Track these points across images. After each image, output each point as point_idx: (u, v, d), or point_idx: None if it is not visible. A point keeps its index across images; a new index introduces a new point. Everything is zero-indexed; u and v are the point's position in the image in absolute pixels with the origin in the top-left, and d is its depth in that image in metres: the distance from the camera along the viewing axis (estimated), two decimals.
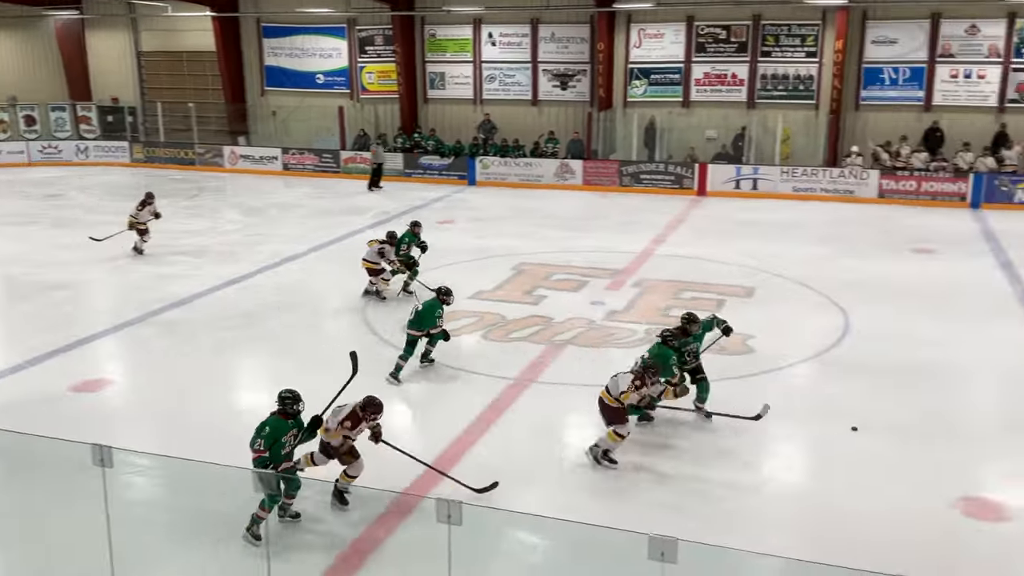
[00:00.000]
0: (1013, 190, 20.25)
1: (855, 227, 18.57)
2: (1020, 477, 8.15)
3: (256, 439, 6.91)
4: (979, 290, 13.92)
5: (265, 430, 6.93)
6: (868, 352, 11.22)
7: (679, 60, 24.22)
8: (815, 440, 9.07)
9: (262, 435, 6.91)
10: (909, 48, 22.31)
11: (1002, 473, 8.19)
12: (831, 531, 7.22)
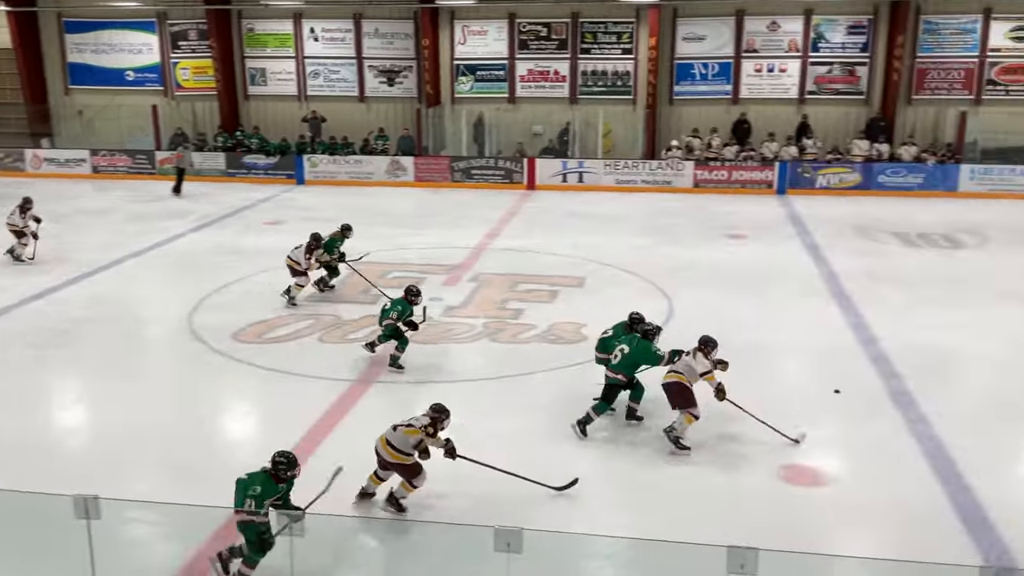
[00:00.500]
0: (815, 176, 21.79)
1: (674, 216, 19.44)
2: (832, 445, 8.79)
3: (244, 499, 6.19)
4: (789, 272, 14.89)
5: (256, 490, 6.24)
6: (692, 334, 11.71)
7: (503, 57, 24.55)
8: (651, 423, 9.42)
9: (252, 495, 6.21)
10: (717, 44, 23.56)
11: (816, 442, 8.80)
12: (665, 510, 7.53)
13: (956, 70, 22.71)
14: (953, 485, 7.86)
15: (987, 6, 22.19)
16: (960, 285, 14.06)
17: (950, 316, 12.45)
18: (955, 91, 22.77)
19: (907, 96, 22.94)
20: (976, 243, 16.88)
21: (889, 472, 8.17)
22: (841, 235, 17.46)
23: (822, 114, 23.23)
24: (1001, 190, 21.02)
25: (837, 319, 12.44)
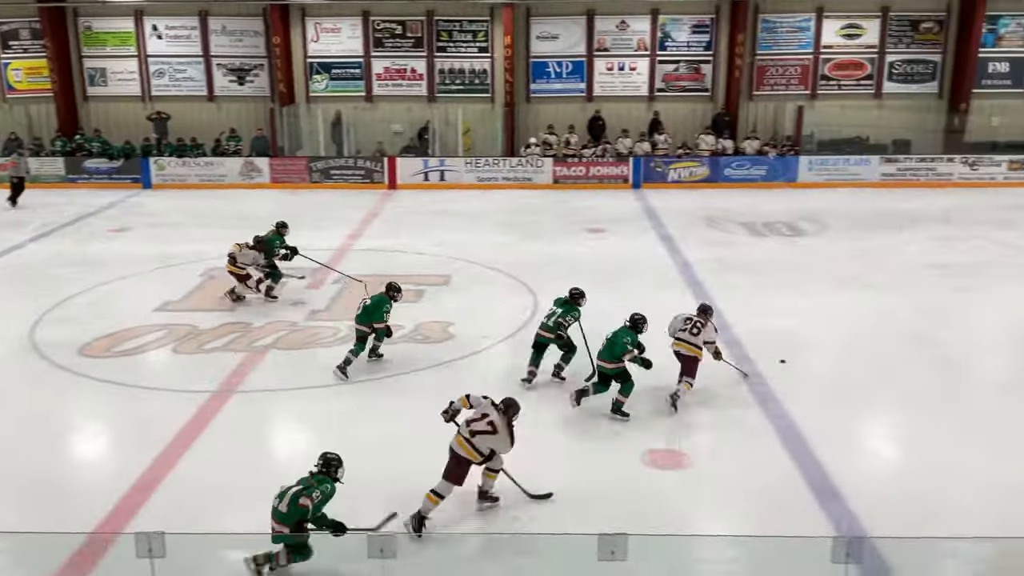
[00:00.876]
0: (666, 171, 22.54)
1: (535, 212, 19.70)
2: (692, 428, 9.11)
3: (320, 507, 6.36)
4: (646, 264, 15.34)
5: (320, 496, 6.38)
6: None
7: (359, 55, 24.22)
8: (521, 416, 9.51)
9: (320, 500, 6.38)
10: (570, 43, 24.01)
11: (677, 426, 9.10)
12: (531, 503, 7.62)
13: (793, 66, 23.97)
14: (805, 461, 8.29)
15: (819, 5, 23.52)
16: (803, 271, 14.84)
17: (794, 301, 13.13)
18: (792, 87, 24.03)
19: (748, 92, 24.04)
20: (816, 230, 17.86)
21: (746, 452, 8.53)
22: (693, 227, 18.13)
23: (671, 110, 24.05)
24: (837, 180, 22.34)
25: (693, 308, 12.88)
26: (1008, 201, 20.55)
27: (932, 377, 10.44)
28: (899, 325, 12.08)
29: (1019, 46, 23.74)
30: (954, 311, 12.72)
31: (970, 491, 7.73)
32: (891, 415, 9.57)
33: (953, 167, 22.49)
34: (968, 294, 13.45)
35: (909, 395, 9.88)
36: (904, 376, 10.38)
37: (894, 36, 23.74)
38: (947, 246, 16.42)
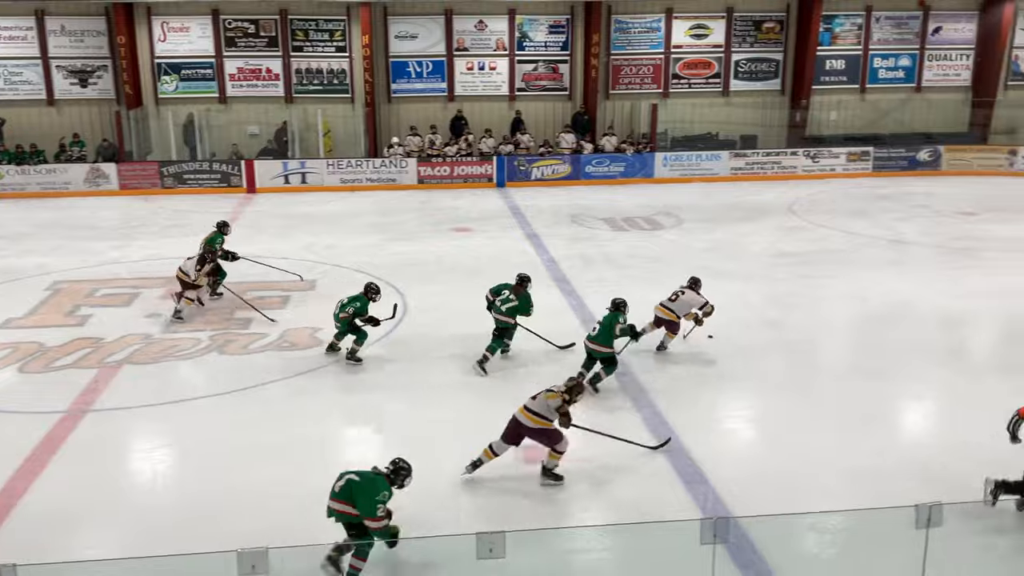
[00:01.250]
0: (530, 169, 22.82)
1: (401, 213, 19.58)
2: None
3: (378, 505, 6.27)
4: (513, 261, 15.40)
5: (384, 496, 6.35)
6: (426, 327, 11.94)
7: (210, 55, 23.41)
8: (377, 421, 9.44)
9: (383, 501, 6.33)
10: (429, 43, 23.96)
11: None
12: (407, 506, 7.58)
13: (646, 66, 24.71)
14: (672, 448, 8.56)
15: (668, 6, 24.33)
16: (663, 263, 15.33)
17: (656, 293, 13.51)
18: (646, 85, 24.77)
19: (605, 91, 24.63)
20: (673, 224, 18.49)
21: (615, 442, 8.73)
22: (557, 223, 18.45)
23: (532, 109, 24.37)
24: (690, 174, 23.19)
25: (560, 302, 13.13)
26: (849, 191, 21.85)
27: (785, 362, 10.98)
28: (753, 312, 12.64)
29: (853, 44, 25.27)
30: (803, 297, 13.41)
31: (826, 470, 8.18)
32: (749, 399, 10.00)
33: (797, 160, 23.73)
34: (816, 280, 14.21)
35: (765, 380, 10.35)
36: (760, 362, 10.87)
37: (739, 36, 24.84)
38: (794, 235, 17.30)
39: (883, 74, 25.56)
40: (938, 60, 25.61)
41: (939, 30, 25.38)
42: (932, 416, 9.80)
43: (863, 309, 12.89)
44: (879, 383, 10.14)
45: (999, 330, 12.41)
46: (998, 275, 14.40)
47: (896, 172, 23.81)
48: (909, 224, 18.21)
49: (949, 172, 23.86)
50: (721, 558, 5.48)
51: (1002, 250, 15.97)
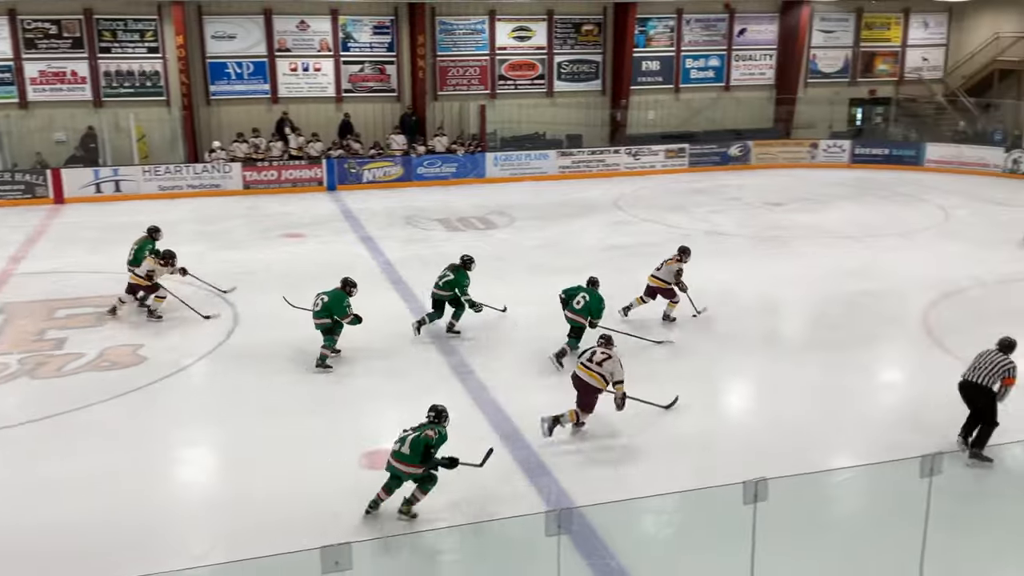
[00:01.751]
0: (361, 172, 22.53)
1: (227, 220, 18.87)
2: (404, 426, 9.19)
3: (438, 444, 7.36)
4: (348, 266, 15.18)
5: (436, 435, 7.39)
6: (259, 338, 11.56)
7: (7, 57, 21.69)
8: (208, 442, 9.08)
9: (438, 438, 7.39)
10: (249, 43, 23.18)
11: (390, 427, 9.16)
12: (249, 521, 7.32)
13: (473, 67, 24.92)
14: (513, 441, 8.68)
15: (491, 9, 24.64)
16: (499, 262, 15.48)
17: (494, 291, 13.66)
18: (474, 86, 24.98)
19: (433, 92, 24.65)
20: (506, 222, 18.75)
21: (458, 441, 8.73)
22: (392, 226, 18.31)
23: (361, 111, 24.05)
24: (521, 174, 23.59)
25: (398, 305, 13.04)
26: (669, 186, 22.86)
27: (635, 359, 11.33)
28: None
29: (666, 46, 26.45)
30: (632, 290, 13.87)
31: (660, 449, 8.52)
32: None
33: (619, 158, 24.60)
34: (644, 273, 14.75)
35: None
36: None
37: (560, 38, 25.46)
38: (621, 230, 17.93)
39: (695, 74, 26.90)
40: (744, 60, 27.20)
41: (744, 32, 26.97)
42: (753, 399, 10.39)
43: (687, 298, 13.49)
44: (703, 371, 10.66)
45: (810, 312, 13.31)
46: (805, 260, 15.46)
47: (710, 167, 25.11)
48: (724, 216, 19.23)
49: (758, 166, 25.39)
50: (566, 548, 5.60)
51: (807, 237, 17.14)
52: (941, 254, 15.74)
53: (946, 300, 13.20)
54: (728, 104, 27.02)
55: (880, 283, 13.81)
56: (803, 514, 6.03)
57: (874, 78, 28.47)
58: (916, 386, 10.45)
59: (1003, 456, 7.71)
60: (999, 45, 26.82)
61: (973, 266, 14.75)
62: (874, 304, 13.04)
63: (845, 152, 25.68)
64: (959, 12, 28.37)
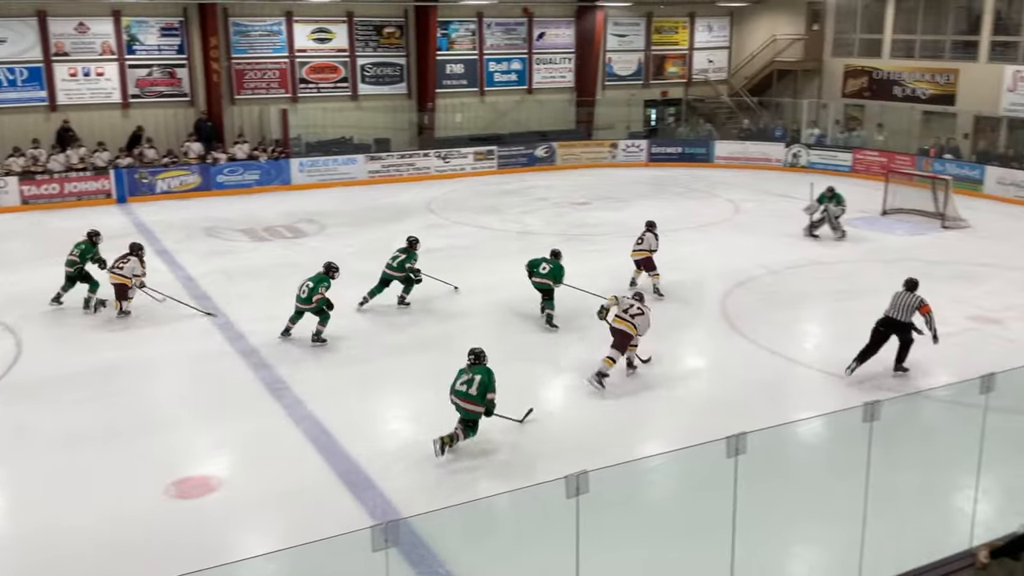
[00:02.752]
0: (154, 182, 21.34)
1: (4, 239, 17.37)
2: (219, 448, 8.81)
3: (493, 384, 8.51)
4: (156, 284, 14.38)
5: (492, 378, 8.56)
6: (46, 368, 10.72)
7: None
8: (30, 472, 8.36)
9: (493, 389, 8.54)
10: (22, 47, 21.41)
11: (202, 449, 8.74)
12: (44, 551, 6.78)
13: (271, 70, 24.19)
14: (335, 456, 8.49)
15: (288, 10, 24.01)
16: (312, 271, 15.02)
17: (275, 306, 13.37)
18: (274, 90, 24.26)
19: (230, 96, 23.73)
20: (316, 230, 18.34)
21: (277, 461, 8.48)
22: (190, 238, 17.46)
23: (152, 117, 22.78)
24: (329, 179, 23.17)
25: (205, 324, 12.45)
26: (479, 188, 23.14)
27: (442, 357, 11.33)
28: (409, 318, 12.96)
29: (469, 49, 26.76)
30: (450, 291, 13.95)
31: (486, 455, 8.59)
32: (403, 396, 10.23)
33: (429, 161, 24.66)
34: (459, 275, 14.86)
35: (423, 376, 10.62)
36: (411, 360, 11.15)
37: (361, 40, 25.19)
38: (435, 233, 17.95)
39: (498, 77, 27.38)
40: (545, 64, 27.97)
41: (543, 36, 27.73)
42: (573, 395, 10.68)
43: (499, 298, 13.69)
44: (527, 364, 10.86)
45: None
46: (612, 256, 16.06)
47: (518, 168, 25.63)
48: (534, 216, 19.69)
49: (563, 166, 26.16)
50: (395, 561, 5.52)
51: (612, 234, 17.84)
52: (733, 245, 16.79)
53: (740, 288, 14.10)
54: (532, 106, 27.69)
55: (681, 275, 14.56)
56: (621, 505, 6.24)
57: (665, 80, 30.03)
58: (719, 369, 11.09)
59: (793, 432, 8.31)
60: (776, 47, 28.97)
61: (762, 255, 15.83)
62: (677, 294, 13.74)
63: (643, 151, 26.92)
64: (739, 16, 30.44)
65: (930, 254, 16.03)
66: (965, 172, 21.77)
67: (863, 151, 24.70)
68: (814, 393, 10.29)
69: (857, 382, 10.17)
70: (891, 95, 25.80)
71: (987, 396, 6.20)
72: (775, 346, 11.49)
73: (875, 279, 14.59)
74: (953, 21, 24.87)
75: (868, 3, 26.68)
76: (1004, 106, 22.84)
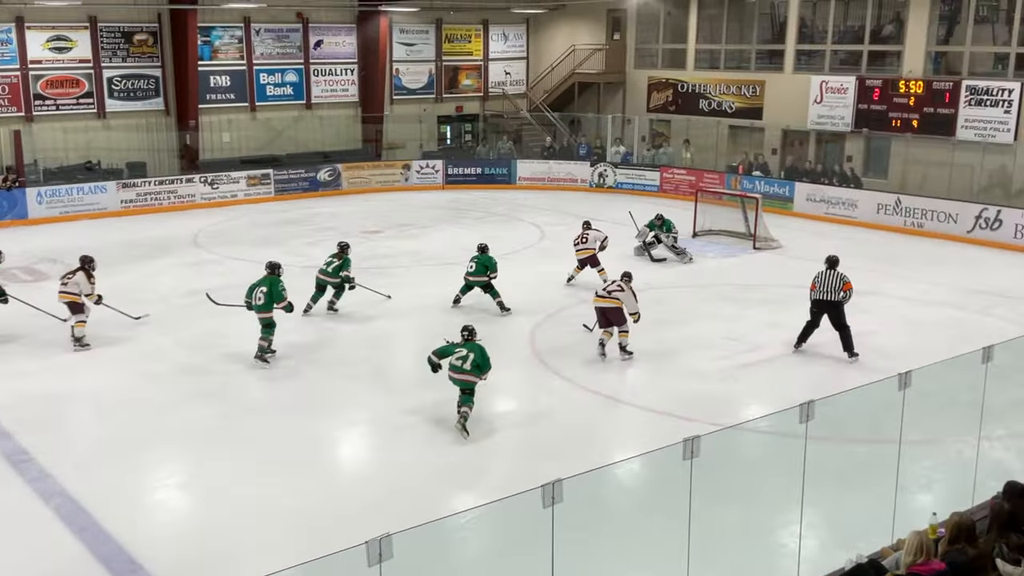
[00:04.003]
0: None
1: None
2: None
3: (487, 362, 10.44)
4: None
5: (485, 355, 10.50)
6: None
7: None
8: None
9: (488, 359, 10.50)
10: None
11: None
12: None
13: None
14: (94, 537, 8.10)
15: (19, 15, 22.70)
16: (51, 319, 14.24)
17: (57, 359, 12.66)
18: (3, 108, 22.82)
19: None
20: (59, 271, 17.26)
21: (24, 544, 7.99)
22: None
23: None
24: (74, 211, 22.13)
25: None
26: (255, 218, 22.71)
27: (207, 410, 11.04)
28: (168, 361, 12.65)
29: (236, 59, 26.28)
30: (226, 338, 13.61)
31: (271, 523, 8.46)
32: (173, 463, 9.93)
33: (195, 187, 24.00)
34: (243, 317, 14.53)
35: (191, 435, 10.38)
36: (188, 416, 10.81)
37: (108, 50, 24.20)
38: (205, 271, 17.46)
39: (271, 90, 27.04)
40: (324, 75, 27.93)
41: (321, 44, 27.68)
42: (368, 447, 10.71)
43: (287, 340, 13.51)
44: (323, 419, 10.82)
45: (419, 345, 13.97)
46: (411, 289, 16.23)
47: (299, 194, 25.43)
48: (319, 248, 19.46)
49: (350, 191, 26.17)
50: None
51: (410, 265, 18.02)
52: (541, 273, 17.39)
53: (550, 320, 14.64)
54: (312, 123, 27.54)
55: (485, 309, 14.92)
56: (428, 568, 6.35)
57: (460, 94, 30.75)
58: (532, 411, 11.46)
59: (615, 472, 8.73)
60: (577, 57, 30.17)
61: (572, 283, 16.48)
62: (481, 331, 14.02)
63: (439, 173, 27.41)
64: (536, 24, 31.64)
65: (742, 277, 17.31)
66: (774, 189, 23.66)
67: (671, 169, 26.26)
68: (633, 431, 10.84)
69: (685, 410, 10.82)
70: (697, 109, 27.46)
71: (807, 425, 6.72)
72: (590, 383, 12.01)
73: (688, 305, 15.61)
74: (758, 30, 26.70)
75: (671, 11, 28.36)
76: (812, 119, 24.72)
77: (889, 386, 7.31)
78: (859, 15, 24.61)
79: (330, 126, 27.81)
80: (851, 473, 9.13)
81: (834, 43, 24.75)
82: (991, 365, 7.89)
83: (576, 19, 30.67)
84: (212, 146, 25.64)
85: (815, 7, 25.52)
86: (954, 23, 23.10)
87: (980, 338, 9.82)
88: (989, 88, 21.37)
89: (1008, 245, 19.82)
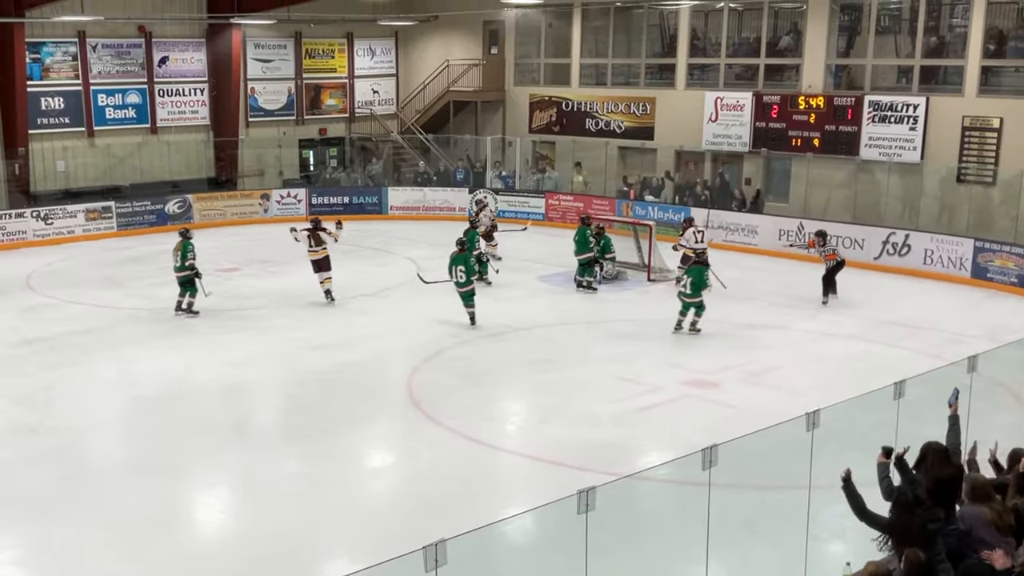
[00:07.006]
0: None
1: None
2: None
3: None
4: None
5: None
6: None
7: None
8: None
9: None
10: None
11: None
12: None
13: None
14: None
15: None
16: None
17: None
18: None
19: None
20: None
21: None
22: None
23: None
24: None
25: None
26: (96, 256, 22.16)
27: (53, 473, 10.74)
28: (2, 423, 12.25)
29: (71, 78, 25.62)
30: (63, 390, 13.27)
31: None
32: (6, 535, 9.63)
33: (26, 223, 23.34)
34: (75, 369, 14.17)
35: (27, 501, 10.13)
36: (16, 480, 10.52)
37: None
38: (39, 317, 16.99)
39: (111, 113, 26.46)
40: (171, 96, 27.47)
41: (166, 61, 27.22)
42: (234, 503, 10.58)
43: (135, 393, 13.27)
44: (170, 480, 10.63)
45: (283, 395, 13.89)
46: (272, 334, 16.09)
47: (145, 229, 24.94)
48: (168, 289, 19.08)
49: (203, 224, 25.64)
50: None
51: (272, 306, 17.86)
52: (417, 313, 17.43)
53: (428, 364, 14.71)
54: (158, 149, 27.06)
55: (355, 354, 14.91)
56: None
57: (324, 115, 30.63)
58: (412, 465, 11.50)
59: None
60: (451, 74, 30.35)
61: (450, 323, 16.57)
62: (353, 378, 14.04)
63: (302, 203, 27.25)
64: (406, 37, 31.76)
65: (636, 313, 17.67)
66: (669, 215, 24.04)
67: (557, 195, 26.65)
68: (523, 483, 10.99)
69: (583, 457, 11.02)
70: (584, 129, 27.93)
71: (710, 471, 6.86)
72: (475, 432, 12.12)
73: (577, 344, 15.87)
74: (647, 43, 27.15)
75: (552, 23, 28.82)
76: (707, 139, 25.20)
77: (796, 427, 7.49)
78: (754, 26, 25.21)
79: (178, 152, 27.34)
80: (759, 521, 9.38)
81: (728, 56, 25.36)
82: (903, 401, 8.16)
83: (450, 32, 30.81)
84: (45, 176, 24.91)
85: (707, 18, 26.15)
86: (855, 34, 23.90)
87: (891, 372, 10.08)
88: (893, 103, 22.14)
89: (917, 272, 20.46)
